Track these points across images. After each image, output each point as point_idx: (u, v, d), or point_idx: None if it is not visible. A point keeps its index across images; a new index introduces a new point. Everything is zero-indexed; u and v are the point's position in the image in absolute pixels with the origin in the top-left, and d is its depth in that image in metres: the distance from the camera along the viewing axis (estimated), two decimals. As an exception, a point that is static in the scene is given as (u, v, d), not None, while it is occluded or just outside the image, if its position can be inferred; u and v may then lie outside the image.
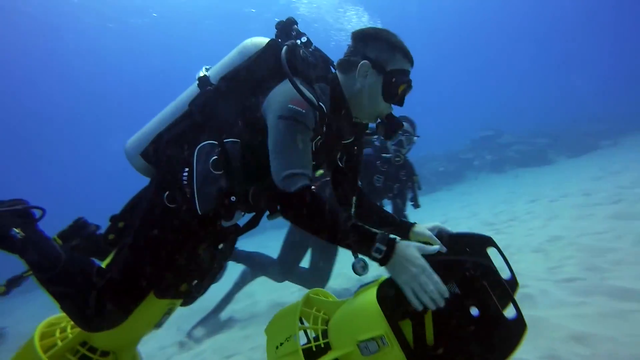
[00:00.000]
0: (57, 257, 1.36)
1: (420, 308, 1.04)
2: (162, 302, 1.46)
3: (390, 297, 1.12)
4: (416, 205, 3.50)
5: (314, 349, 1.22)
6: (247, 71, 1.35)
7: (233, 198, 1.26)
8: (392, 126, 1.42)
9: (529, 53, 39.26)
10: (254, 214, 1.47)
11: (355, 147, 1.59)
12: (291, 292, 3.90)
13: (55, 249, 1.39)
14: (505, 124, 16.50)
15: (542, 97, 28.61)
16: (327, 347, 1.21)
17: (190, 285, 1.46)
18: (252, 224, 1.50)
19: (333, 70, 1.46)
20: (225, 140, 1.28)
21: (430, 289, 1.02)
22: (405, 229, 1.52)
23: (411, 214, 3.50)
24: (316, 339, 1.27)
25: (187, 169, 1.29)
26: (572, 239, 3.49)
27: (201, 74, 1.42)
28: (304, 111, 1.18)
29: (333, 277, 3.32)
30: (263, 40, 1.40)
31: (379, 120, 1.44)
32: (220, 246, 1.52)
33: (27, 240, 1.36)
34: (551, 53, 39.03)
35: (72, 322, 1.45)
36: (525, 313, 1.06)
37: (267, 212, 1.43)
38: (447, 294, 1.03)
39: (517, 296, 1.27)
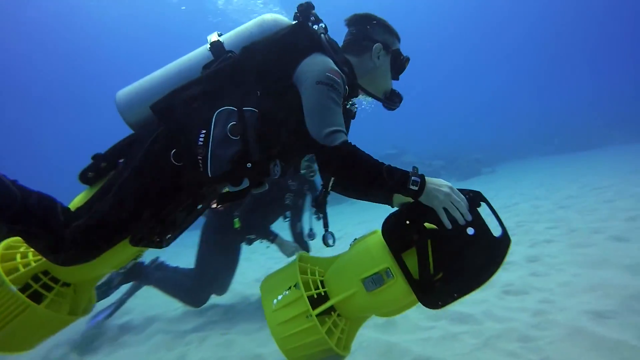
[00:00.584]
0: (11, 195, 1.27)
1: (450, 226, 1.21)
2: (134, 249, 1.47)
3: (395, 230, 1.24)
4: (318, 218, 3.60)
5: (315, 296, 1.27)
6: (273, 44, 1.39)
7: (249, 165, 1.29)
8: (398, 97, 1.66)
9: (443, 78, 42.90)
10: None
11: None
12: (174, 309, 3.71)
13: (8, 187, 1.28)
14: (411, 143, 18.04)
15: (444, 120, 31.34)
16: (327, 297, 1.29)
17: (164, 238, 1.46)
18: (238, 196, 1.40)
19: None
20: (244, 108, 1.30)
21: (461, 205, 1.23)
22: (386, 194, 1.57)
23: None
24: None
25: (204, 131, 1.29)
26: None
27: (213, 39, 1.48)
28: (339, 80, 1.32)
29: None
30: (282, 18, 1.53)
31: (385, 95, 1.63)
32: (199, 206, 1.56)
33: None
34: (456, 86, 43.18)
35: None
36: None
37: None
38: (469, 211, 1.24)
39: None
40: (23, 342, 1.47)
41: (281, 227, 3.67)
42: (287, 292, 1.30)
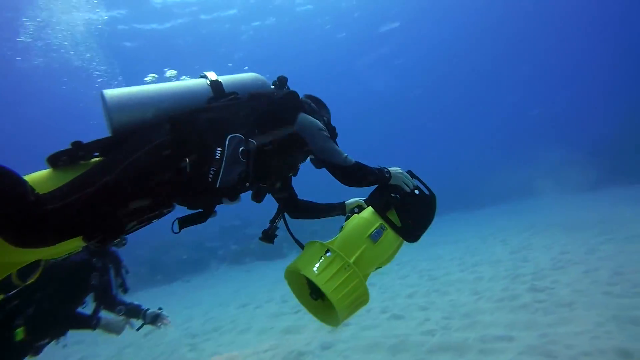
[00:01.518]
0: None
1: (408, 190, 1.93)
2: (77, 244, 1.43)
3: (378, 202, 1.91)
4: (124, 290, 3.12)
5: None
6: (275, 101, 1.85)
7: (247, 184, 1.68)
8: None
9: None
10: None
11: None
12: None
13: None
14: (256, 214, 18.07)
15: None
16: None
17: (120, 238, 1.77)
18: (200, 217, 1.75)
19: None
20: (249, 139, 1.66)
21: (409, 177, 1.96)
22: (339, 206, 2.24)
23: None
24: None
25: (219, 149, 1.59)
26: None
27: (213, 77, 1.81)
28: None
29: None
30: (267, 82, 1.99)
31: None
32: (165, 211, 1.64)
33: None
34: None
35: None
36: None
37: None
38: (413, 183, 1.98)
39: None
40: None
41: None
42: (322, 259, 1.71)
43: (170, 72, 1.91)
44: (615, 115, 19.45)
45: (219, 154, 1.57)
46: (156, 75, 1.89)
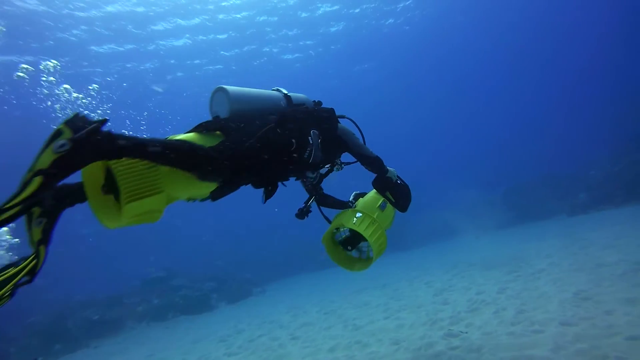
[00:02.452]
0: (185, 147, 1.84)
1: (395, 180, 2.81)
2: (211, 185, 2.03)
3: (379, 186, 2.79)
4: None
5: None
6: (324, 112, 2.63)
7: (321, 165, 2.67)
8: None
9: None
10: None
11: None
12: None
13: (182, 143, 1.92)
14: (181, 265, 16.81)
15: (211, 239, 28.16)
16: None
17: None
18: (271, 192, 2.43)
19: None
20: (319, 135, 2.50)
21: (396, 173, 2.83)
22: (345, 202, 3.10)
23: None
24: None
25: (310, 138, 2.39)
26: None
27: (284, 91, 2.65)
28: None
29: None
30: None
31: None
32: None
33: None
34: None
35: None
36: None
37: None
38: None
39: None
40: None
41: None
42: (358, 216, 2.69)
43: None
44: (527, 162, 21.83)
45: (311, 141, 2.39)
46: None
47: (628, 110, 19.04)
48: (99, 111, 12.49)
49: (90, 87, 12.62)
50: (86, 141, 1.43)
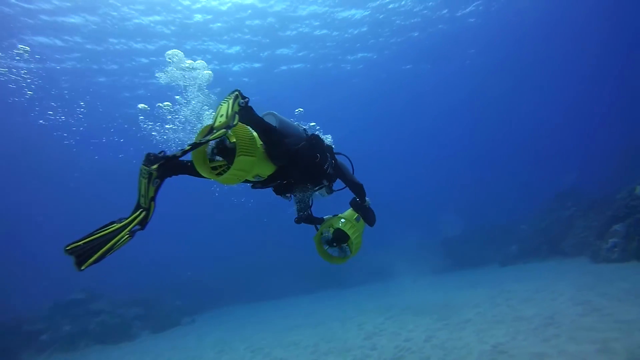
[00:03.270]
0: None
1: (367, 204, 3.32)
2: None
3: (357, 207, 3.28)
4: None
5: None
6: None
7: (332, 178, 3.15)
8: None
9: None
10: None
11: None
12: None
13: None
14: (106, 287, 15.29)
15: (146, 259, 26.21)
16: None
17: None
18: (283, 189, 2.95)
19: None
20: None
21: (369, 201, 3.32)
22: (319, 219, 3.31)
23: None
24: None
25: (328, 155, 2.97)
26: None
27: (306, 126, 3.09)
28: None
29: None
30: None
31: None
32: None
33: None
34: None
35: None
36: None
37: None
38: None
39: None
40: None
41: None
42: (342, 221, 3.11)
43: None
44: (464, 212, 22.95)
45: (329, 158, 2.95)
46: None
47: (557, 168, 20.71)
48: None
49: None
50: (247, 104, 2.20)
